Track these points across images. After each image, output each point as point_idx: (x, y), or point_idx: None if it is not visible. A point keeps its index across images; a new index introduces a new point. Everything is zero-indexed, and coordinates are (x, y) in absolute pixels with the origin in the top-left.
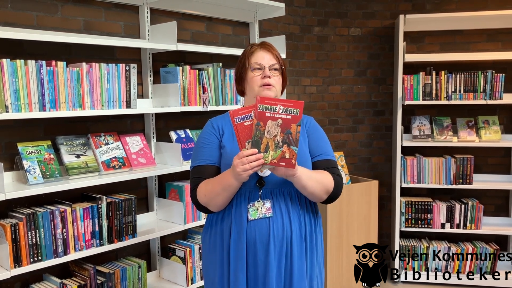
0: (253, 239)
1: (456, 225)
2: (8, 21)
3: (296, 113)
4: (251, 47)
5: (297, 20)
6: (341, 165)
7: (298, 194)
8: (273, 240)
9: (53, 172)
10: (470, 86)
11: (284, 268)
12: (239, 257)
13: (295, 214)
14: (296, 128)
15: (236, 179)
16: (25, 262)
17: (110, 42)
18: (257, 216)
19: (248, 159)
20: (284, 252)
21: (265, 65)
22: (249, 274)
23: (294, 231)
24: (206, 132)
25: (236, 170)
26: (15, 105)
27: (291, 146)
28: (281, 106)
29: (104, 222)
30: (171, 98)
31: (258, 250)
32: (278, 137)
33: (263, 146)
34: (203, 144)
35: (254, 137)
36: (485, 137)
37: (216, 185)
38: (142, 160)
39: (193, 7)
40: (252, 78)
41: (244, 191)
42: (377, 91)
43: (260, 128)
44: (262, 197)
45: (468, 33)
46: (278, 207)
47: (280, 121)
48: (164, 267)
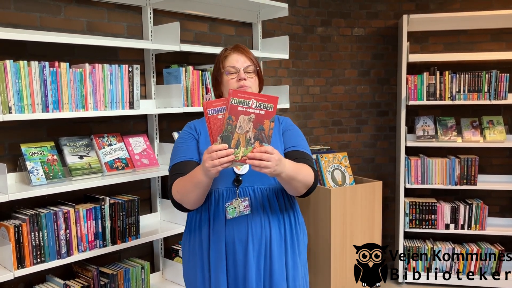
0: (232, 238)
1: (461, 226)
2: (11, 22)
3: (270, 109)
4: (225, 51)
5: (300, 21)
6: (345, 165)
7: (276, 192)
8: (252, 239)
9: (56, 173)
10: (474, 86)
11: (263, 268)
12: (219, 258)
13: (274, 211)
14: (270, 125)
15: (205, 175)
16: (28, 263)
17: (113, 43)
18: (235, 214)
19: (217, 154)
20: (263, 251)
21: (239, 67)
22: (229, 274)
23: (274, 229)
24: (183, 132)
25: (205, 165)
26: (18, 106)
27: (263, 143)
28: (255, 100)
29: (107, 223)
30: (174, 99)
31: (237, 250)
32: (250, 133)
33: (234, 142)
34: (180, 143)
35: (224, 132)
36: (490, 138)
37: (187, 182)
38: (145, 161)
39: (196, 7)
40: (228, 81)
41: (221, 190)
42: (381, 92)
43: (231, 123)
44: (240, 195)
45: (472, 33)
46: (256, 205)
47: (252, 116)
48: (167, 268)
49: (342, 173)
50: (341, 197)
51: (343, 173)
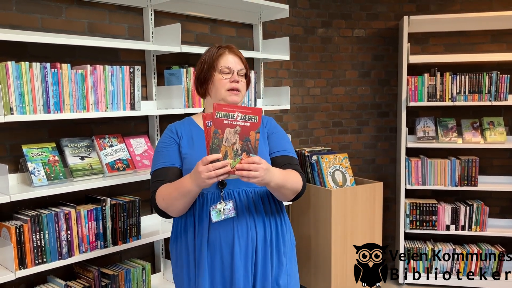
0: (218, 241)
1: (461, 227)
2: (13, 24)
3: (254, 120)
4: (218, 49)
5: (301, 22)
6: (345, 166)
7: (261, 194)
8: (238, 241)
9: (58, 174)
10: (474, 87)
11: (251, 269)
12: (205, 261)
13: (259, 213)
14: (255, 136)
15: (197, 185)
16: (29, 264)
17: (114, 44)
18: (220, 218)
19: (214, 166)
20: (250, 253)
21: (234, 69)
22: (216, 276)
23: (259, 231)
24: (164, 136)
25: (201, 177)
26: (20, 107)
27: (250, 154)
28: (239, 113)
29: (109, 224)
30: (175, 100)
31: (224, 252)
32: (237, 145)
33: (222, 154)
34: (162, 148)
35: (212, 145)
36: (490, 139)
37: (174, 190)
38: (146, 162)
39: (197, 9)
40: (221, 80)
41: (205, 194)
42: (381, 93)
43: (218, 136)
44: (225, 198)
45: (473, 34)
46: (241, 207)
47: (238, 129)
48: (168, 269)
49: (342, 174)
50: (341, 198)
51: (344, 174)
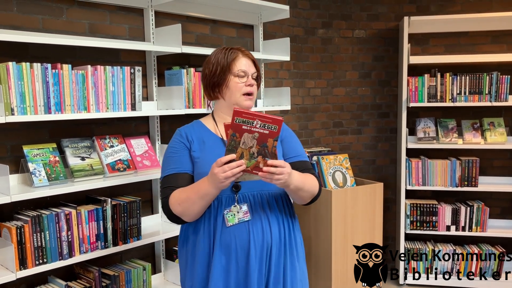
0: (233, 244)
1: (462, 227)
2: (14, 24)
3: (274, 129)
4: (230, 52)
5: (301, 23)
6: (346, 167)
7: (276, 196)
8: (254, 244)
9: (58, 174)
10: (475, 88)
11: (264, 272)
12: (221, 265)
13: (274, 216)
14: (273, 143)
15: (215, 187)
16: (30, 265)
17: (115, 44)
18: (235, 221)
19: (229, 166)
20: (265, 255)
21: (249, 72)
22: (230, 280)
23: (274, 233)
24: (174, 141)
25: (218, 178)
26: (21, 108)
27: (266, 158)
28: (259, 121)
29: (109, 224)
30: (175, 100)
31: (239, 256)
32: (254, 149)
33: (238, 156)
34: (172, 153)
35: (228, 146)
36: (491, 139)
37: (192, 194)
38: (147, 163)
39: (198, 9)
40: (237, 84)
41: (219, 197)
42: (382, 93)
43: (235, 139)
44: (239, 201)
45: (473, 35)
46: (256, 210)
47: (256, 135)
48: (169, 270)
49: (343, 174)
50: (342, 198)
51: (344, 175)
